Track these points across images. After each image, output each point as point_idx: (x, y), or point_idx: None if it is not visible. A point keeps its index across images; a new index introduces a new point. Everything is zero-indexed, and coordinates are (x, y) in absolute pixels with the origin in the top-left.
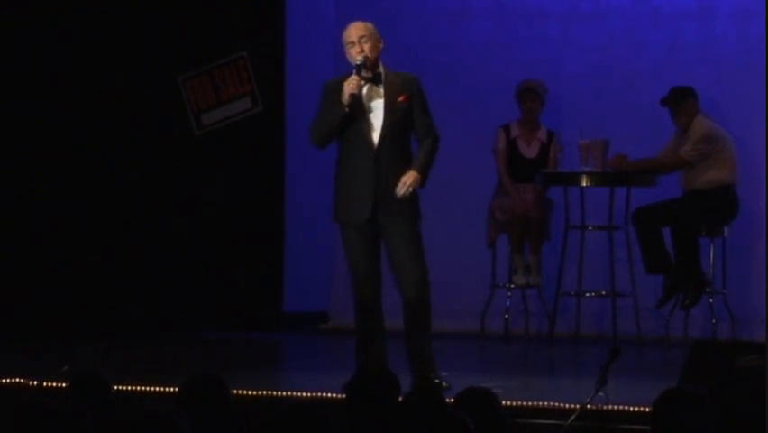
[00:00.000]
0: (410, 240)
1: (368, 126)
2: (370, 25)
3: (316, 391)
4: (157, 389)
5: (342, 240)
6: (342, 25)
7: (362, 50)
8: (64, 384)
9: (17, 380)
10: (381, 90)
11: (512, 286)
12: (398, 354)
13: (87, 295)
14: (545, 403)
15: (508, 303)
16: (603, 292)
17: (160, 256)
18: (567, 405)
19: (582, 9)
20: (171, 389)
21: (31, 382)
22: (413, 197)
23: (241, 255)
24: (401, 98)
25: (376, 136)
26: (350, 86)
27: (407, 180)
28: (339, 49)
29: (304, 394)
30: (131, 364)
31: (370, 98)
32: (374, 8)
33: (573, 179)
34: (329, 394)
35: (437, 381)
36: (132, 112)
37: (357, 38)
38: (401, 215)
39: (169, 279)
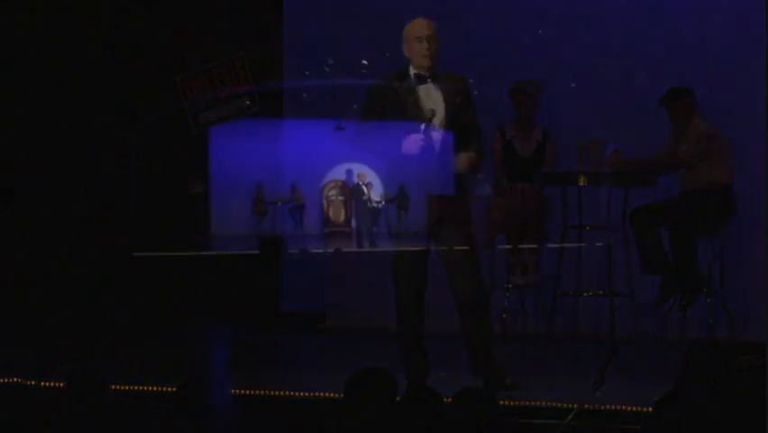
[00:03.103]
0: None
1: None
2: (435, 25)
3: (315, 391)
4: (155, 389)
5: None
6: (341, 25)
7: (429, 49)
8: (61, 384)
9: (15, 379)
10: (440, 94)
11: (510, 286)
12: (398, 354)
13: (87, 295)
14: (543, 403)
15: (506, 303)
16: (601, 292)
17: (158, 255)
18: (565, 405)
19: (580, 9)
20: (170, 389)
21: (28, 382)
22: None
23: (239, 255)
24: (458, 99)
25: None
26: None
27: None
28: (337, 48)
29: (302, 394)
30: (129, 364)
31: (433, 102)
32: (372, 8)
33: (571, 178)
34: (327, 394)
35: (507, 381)
36: (130, 111)
37: (426, 35)
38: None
39: (167, 278)
